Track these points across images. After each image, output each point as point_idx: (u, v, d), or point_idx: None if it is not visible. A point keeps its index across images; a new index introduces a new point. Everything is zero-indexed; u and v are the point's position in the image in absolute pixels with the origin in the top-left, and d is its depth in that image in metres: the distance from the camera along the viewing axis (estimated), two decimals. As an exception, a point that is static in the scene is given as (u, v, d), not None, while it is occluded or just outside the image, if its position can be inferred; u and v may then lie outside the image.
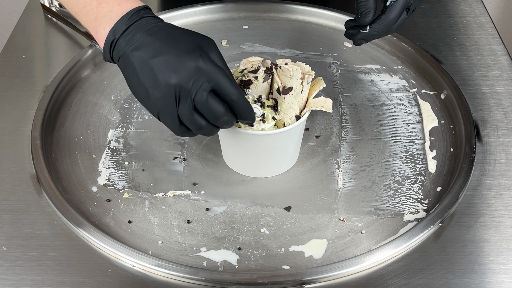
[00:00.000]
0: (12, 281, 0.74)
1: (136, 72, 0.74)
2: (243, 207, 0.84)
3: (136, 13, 0.76)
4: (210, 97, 0.73)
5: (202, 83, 0.72)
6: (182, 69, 0.72)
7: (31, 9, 1.18)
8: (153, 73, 0.73)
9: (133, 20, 0.76)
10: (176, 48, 0.74)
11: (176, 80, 0.72)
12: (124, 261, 0.76)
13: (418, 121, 0.96)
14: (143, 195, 0.85)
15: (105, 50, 0.77)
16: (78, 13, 0.81)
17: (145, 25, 0.76)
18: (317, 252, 0.78)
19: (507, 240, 0.79)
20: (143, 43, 0.74)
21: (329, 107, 0.82)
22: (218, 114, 0.74)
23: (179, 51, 0.73)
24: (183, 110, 0.74)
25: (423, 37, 1.11)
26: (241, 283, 0.74)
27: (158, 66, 0.73)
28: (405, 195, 0.85)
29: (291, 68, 0.80)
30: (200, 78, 0.72)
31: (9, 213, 0.82)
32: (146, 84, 0.74)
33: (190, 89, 0.72)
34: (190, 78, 0.72)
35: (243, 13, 1.16)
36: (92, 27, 0.79)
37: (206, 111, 0.74)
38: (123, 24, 0.76)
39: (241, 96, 0.75)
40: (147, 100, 0.75)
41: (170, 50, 0.73)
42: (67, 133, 0.93)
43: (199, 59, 0.73)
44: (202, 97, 0.73)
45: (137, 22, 0.76)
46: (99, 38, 0.78)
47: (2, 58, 1.06)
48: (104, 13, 0.77)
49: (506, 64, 1.05)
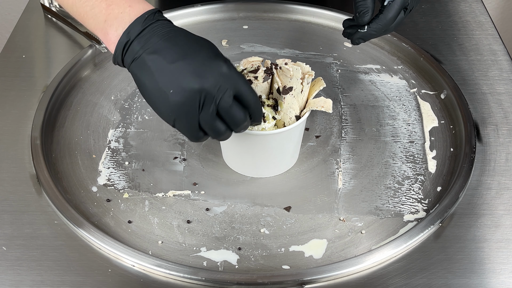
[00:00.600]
0: (12, 281, 0.74)
1: (154, 76, 0.72)
2: (243, 207, 0.84)
3: (151, 16, 0.74)
4: (234, 104, 0.73)
5: (226, 89, 0.72)
6: (208, 74, 0.71)
7: (31, 9, 1.18)
8: (175, 77, 0.71)
9: (148, 22, 0.74)
10: (200, 54, 0.73)
11: (202, 85, 0.71)
12: (124, 261, 0.76)
13: (418, 121, 0.96)
14: (143, 195, 0.85)
15: (117, 52, 0.75)
16: (84, 16, 0.78)
17: (161, 29, 0.74)
18: (317, 252, 0.78)
19: (507, 240, 0.79)
20: (162, 47, 0.72)
21: (329, 108, 0.82)
22: (240, 120, 0.74)
23: (203, 56, 0.72)
24: (205, 115, 0.72)
25: (423, 37, 1.11)
26: (241, 283, 0.74)
27: (182, 71, 0.71)
28: (405, 195, 0.85)
29: (291, 68, 0.80)
30: (225, 84, 0.72)
31: (9, 213, 0.82)
32: (165, 88, 0.72)
33: (216, 95, 0.72)
34: (216, 84, 0.71)
35: (243, 13, 1.16)
36: (101, 29, 0.76)
37: (229, 117, 0.74)
38: (139, 26, 0.73)
39: (259, 101, 0.76)
40: (164, 106, 0.73)
41: (193, 55, 0.72)
42: (67, 133, 0.93)
43: (224, 65, 0.73)
44: (227, 103, 0.72)
45: (153, 25, 0.74)
46: (110, 40, 0.75)
47: (2, 58, 1.06)
48: (114, 14, 0.75)
49: (506, 64, 1.05)
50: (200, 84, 0.71)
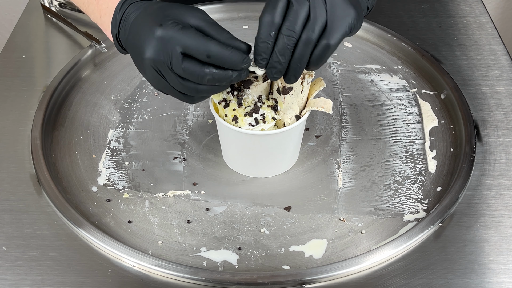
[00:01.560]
0: (12, 281, 0.74)
1: (132, 57, 0.75)
2: (243, 207, 0.84)
3: (125, 2, 0.75)
4: (185, 63, 0.70)
5: (172, 51, 0.69)
6: (148, 44, 0.70)
7: (31, 9, 1.18)
8: (136, 54, 0.73)
9: (124, 9, 0.75)
10: (145, 26, 0.72)
11: (148, 56, 0.71)
12: (124, 261, 0.76)
13: (418, 121, 0.96)
14: (143, 195, 0.85)
15: (115, 43, 0.78)
16: (87, 12, 0.82)
17: (133, 11, 0.75)
18: (317, 252, 0.78)
19: (507, 240, 0.79)
20: (130, 30, 0.74)
21: (329, 108, 0.82)
22: (201, 76, 0.70)
23: (145, 28, 0.71)
24: (171, 81, 0.72)
25: (423, 37, 1.11)
26: (241, 283, 0.74)
27: (136, 47, 0.73)
28: (405, 195, 0.85)
29: (291, 68, 0.80)
30: (167, 47, 0.70)
31: (9, 213, 0.82)
32: (138, 66, 0.74)
33: (164, 60, 0.70)
34: (159, 50, 0.70)
35: (243, 13, 1.16)
36: (101, 25, 0.80)
37: (189, 76, 0.71)
38: (117, 17, 0.75)
39: (217, 49, 0.69)
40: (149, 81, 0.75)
41: (141, 29, 0.72)
42: (67, 133, 0.93)
43: (160, 28, 0.70)
44: (178, 66, 0.70)
45: (127, 10, 0.75)
46: (109, 35, 0.79)
47: (2, 58, 1.06)
48: (104, 10, 0.78)
49: (506, 64, 1.05)
50: (146, 56, 0.71)
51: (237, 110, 0.81)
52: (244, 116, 0.80)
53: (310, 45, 0.71)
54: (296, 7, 0.70)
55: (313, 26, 0.70)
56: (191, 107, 0.97)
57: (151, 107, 0.98)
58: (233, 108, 0.81)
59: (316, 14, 0.70)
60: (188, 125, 0.95)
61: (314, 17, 0.70)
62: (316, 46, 0.72)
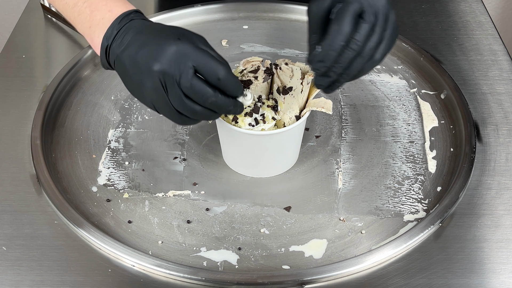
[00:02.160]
0: (12, 281, 0.74)
1: (127, 70, 0.74)
2: (243, 207, 0.84)
3: (126, 17, 0.76)
4: (194, 80, 0.71)
5: (184, 66, 0.71)
6: (162, 54, 0.71)
7: (31, 9, 1.18)
8: (140, 66, 0.72)
9: (123, 23, 0.76)
10: (157, 38, 0.73)
11: (159, 67, 0.71)
12: (124, 261, 0.76)
13: (418, 121, 0.96)
14: (143, 195, 0.85)
15: (101, 57, 0.77)
16: (74, 21, 0.81)
17: (134, 26, 0.75)
18: (317, 252, 0.78)
19: (507, 240, 0.79)
20: (131, 42, 0.74)
21: (329, 109, 0.82)
22: (206, 96, 0.72)
23: (159, 40, 0.72)
24: (173, 98, 0.72)
25: (423, 37, 1.11)
26: (241, 283, 0.74)
27: (143, 58, 0.72)
28: (405, 195, 0.85)
29: (291, 68, 0.80)
30: (181, 61, 0.71)
31: (9, 213, 0.82)
32: (137, 80, 0.73)
33: (174, 74, 0.71)
34: (171, 62, 0.71)
35: (243, 13, 1.16)
36: (88, 35, 0.79)
37: (194, 94, 0.72)
38: (114, 29, 0.76)
39: (227, 73, 0.72)
40: (142, 96, 0.75)
41: (151, 42, 0.73)
42: (67, 133, 0.93)
43: (177, 42, 0.71)
44: (187, 81, 0.71)
45: (126, 25, 0.76)
46: (95, 46, 0.78)
47: (2, 58, 1.06)
48: (97, 20, 0.77)
49: (506, 64, 1.05)
50: (157, 67, 0.71)
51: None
52: (244, 116, 0.80)
53: (366, 61, 0.73)
54: (367, 22, 0.72)
55: (376, 43, 0.73)
56: (191, 107, 0.97)
57: (151, 107, 0.98)
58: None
59: (381, 32, 0.73)
60: (188, 125, 0.95)
61: (379, 34, 0.73)
62: None
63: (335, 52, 0.72)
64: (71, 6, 0.80)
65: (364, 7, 0.72)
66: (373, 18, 0.72)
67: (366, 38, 0.72)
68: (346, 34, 0.71)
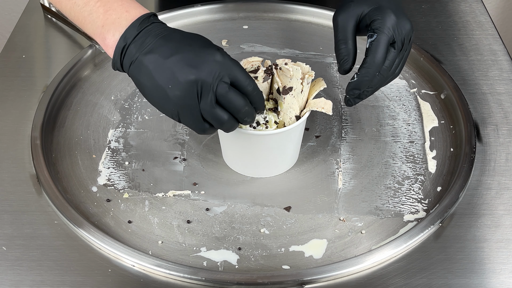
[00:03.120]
0: (12, 281, 0.74)
1: (152, 75, 0.73)
2: (243, 207, 0.84)
3: (146, 19, 0.76)
4: (231, 89, 0.73)
5: (222, 76, 0.73)
6: (202, 64, 0.72)
7: (31, 9, 1.18)
8: (172, 72, 0.72)
9: (143, 25, 0.75)
10: (192, 46, 0.74)
11: (197, 76, 0.72)
12: (124, 261, 0.76)
13: (418, 121, 0.96)
14: (143, 195, 0.85)
15: (115, 57, 0.76)
16: (83, 21, 0.79)
17: (155, 30, 0.75)
18: (317, 252, 0.78)
19: (507, 240, 0.79)
20: (157, 46, 0.74)
21: (329, 110, 0.82)
22: (240, 106, 0.74)
23: (196, 48, 0.73)
24: (205, 105, 0.73)
25: (423, 37, 1.11)
26: (241, 283, 0.74)
27: (177, 64, 0.72)
28: (405, 195, 0.85)
29: (291, 68, 0.80)
30: (220, 71, 0.72)
31: (9, 213, 0.82)
32: (163, 85, 0.73)
33: (212, 83, 0.72)
34: (211, 72, 0.72)
35: (243, 13, 1.16)
36: (99, 34, 0.77)
37: (228, 103, 0.74)
38: (134, 30, 0.75)
39: (257, 87, 0.76)
40: (166, 102, 0.74)
41: (186, 48, 0.73)
42: (67, 133, 0.93)
43: (217, 53, 0.73)
44: (224, 89, 0.73)
45: (148, 28, 0.75)
46: (108, 45, 0.77)
47: (2, 58, 1.06)
48: (112, 19, 0.76)
49: (506, 64, 1.05)
50: (195, 75, 0.72)
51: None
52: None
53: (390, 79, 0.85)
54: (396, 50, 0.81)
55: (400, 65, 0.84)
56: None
57: (151, 107, 0.97)
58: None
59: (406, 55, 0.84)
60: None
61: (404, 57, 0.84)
62: None
63: (369, 80, 0.81)
64: (81, 6, 0.79)
65: (395, 37, 0.81)
66: (401, 45, 0.81)
67: (393, 62, 0.82)
68: (380, 65, 0.80)
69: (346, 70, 0.84)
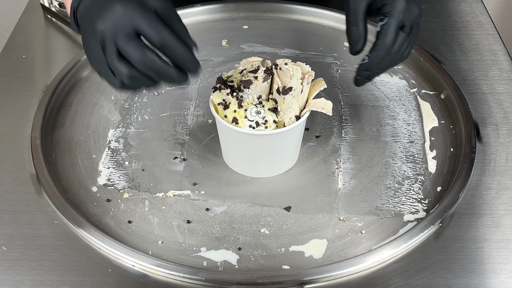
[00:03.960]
0: (12, 281, 0.74)
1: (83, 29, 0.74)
2: (243, 207, 0.84)
3: None
4: (133, 42, 0.69)
5: (124, 26, 0.69)
6: (104, 15, 0.70)
7: (31, 9, 1.18)
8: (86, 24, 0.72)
9: None
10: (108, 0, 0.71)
11: (98, 26, 0.70)
12: (124, 261, 0.76)
13: (418, 121, 0.96)
14: (143, 195, 0.85)
15: (70, 19, 0.77)
16: None
17: None
18: (317, 252, 0.78)
19: (507, 240, 0.79)
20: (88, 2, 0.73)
21: (329, 110, 0.82)
22: (137, 58, 0.69)
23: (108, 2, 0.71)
24: (107, 56, 0.70)
25: (423, 37, 1.11)
26: (241, 283, 0.74)
27: (89, 17, 0.72)
28: (405, 195, 0.85)
29: (291, 68, 0.80)
30: (121, 22, 0.69)
31: (9, 213, 0.82)
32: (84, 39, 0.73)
33: (113, 33, 0.69)
34: (111, 22, 0.69)
35: (243, 13, 1.16)
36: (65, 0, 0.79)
37: (127, 55, 0.69)
38: None
39: (168, 39, 0.70)
40: (87, 55, 0.73)
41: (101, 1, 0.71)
42: (67, 133, 0.93)
43: (120, 4, 0.69)
44: (122, 41, 0.69)
45: None
46: (67, 8, 0.78)
47: (2, 58, 1.06)
48: None
49: (506, 64, 1.05)
50: (97, 25, 0.70)
51: (237, 111, 0.81)
52: (244, 118, 0.80)
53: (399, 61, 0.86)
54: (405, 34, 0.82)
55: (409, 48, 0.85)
56: (191, 107, 0.97)
57: (151, 107, 0.98)
58: (233, 109, 0.81)
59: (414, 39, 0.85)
60: (188, 125, 0.95)
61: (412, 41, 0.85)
62: None
63: (379, 61, 0.82)
64: None
65: (405, 21, 0.82)
66: (410, 29, 0.83)
67: (402, 46, 0.83)
68: (390, 48, 0.82)
69: (357, 51, 0.84)
